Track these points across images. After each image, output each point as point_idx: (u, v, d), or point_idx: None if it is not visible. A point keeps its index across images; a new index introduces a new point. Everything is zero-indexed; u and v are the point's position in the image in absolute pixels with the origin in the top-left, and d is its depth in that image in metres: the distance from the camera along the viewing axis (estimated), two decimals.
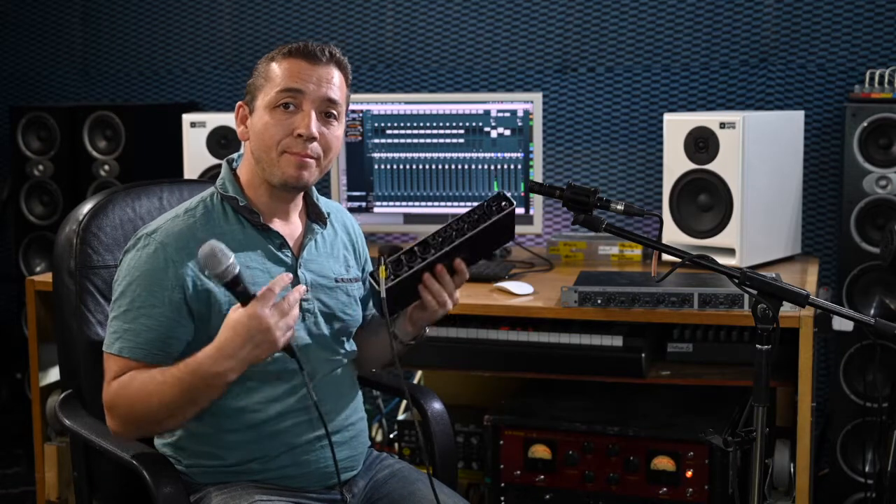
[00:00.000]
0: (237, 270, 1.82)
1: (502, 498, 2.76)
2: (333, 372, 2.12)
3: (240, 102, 2.10)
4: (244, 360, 1.86)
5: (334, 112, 2.04)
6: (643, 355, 2.69)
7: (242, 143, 2.11)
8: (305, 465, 2.04)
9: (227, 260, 1.81)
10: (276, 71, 2.02)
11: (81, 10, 4.21)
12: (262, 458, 2.02)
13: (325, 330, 2.10)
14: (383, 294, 1.96)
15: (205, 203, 2.06)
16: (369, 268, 2.26)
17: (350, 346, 2.18)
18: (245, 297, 1.84)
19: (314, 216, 2.15)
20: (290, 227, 2.11)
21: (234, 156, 2.14)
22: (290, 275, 1.94)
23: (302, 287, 1.92)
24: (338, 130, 2.06)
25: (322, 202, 2.18)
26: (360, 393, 2.22)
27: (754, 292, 1.99)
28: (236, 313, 1.86)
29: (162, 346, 1.95)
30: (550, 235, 3.49)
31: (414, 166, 3.32)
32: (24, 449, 3.97)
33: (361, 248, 2.28)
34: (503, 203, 2.00)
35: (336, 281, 2.14)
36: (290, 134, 2.00)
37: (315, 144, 2.01)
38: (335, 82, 2.04)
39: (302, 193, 2.12)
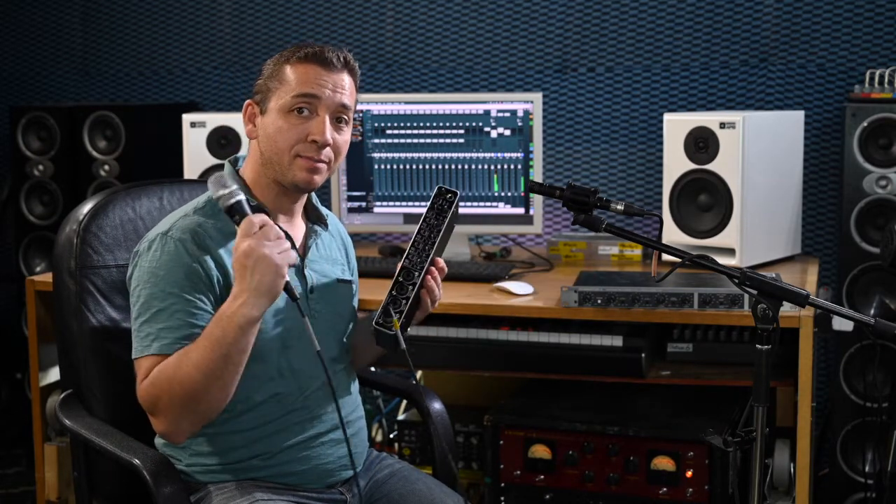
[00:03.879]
0: (236, 199, 1.88)
1: (502, 498, 2.76)
2: (336, 371, 2.12)
3: (249, 101, 2.09)
4: (255, 292, 1.84)
5: (345, 117, 2.07)
6: (643, 355, 2.69)
7: (249, 141, 2.11)
8: (306, 462, 2.05)
9: (229, 185, 1.88)
10: (292, 74, 2.03)
11: (81, 10, 4.21)
12: (264, 454, 2.03)
13: (329, 329, 2.12)
14: (403, 345, 1.97)
15: (212, 202, 2.06)
16: (355, 276, 2.29)
17: (349, 345, 2.19)
18: None
19: (314, 218, 2.17)
20: (294, 227, 2.12)
21: (238, 156, 2.15)
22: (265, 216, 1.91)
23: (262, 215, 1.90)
24: (347, 135, 2.09)
25: (320, 207, 2.20)
26: (358, 392, 2.23)
27: (754, 292, 2.00)
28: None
29: (195, 339, 1.93)
30: (550, 235, 3.49)
31: (414, 166, 3.32)
32: (24, 449, 3.97)
33: (351, 257, 2.31)
34: (448, 196, 2.05)
35: (338, 281, 2.16)
36: (304, 139, 2.01)
37: (328, 149, 2.03)
38: (348, 89, 2.06)
39: (306, 194, 2.14)
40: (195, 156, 3.39)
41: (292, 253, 1.89)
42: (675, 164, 3.02)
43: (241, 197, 1.90)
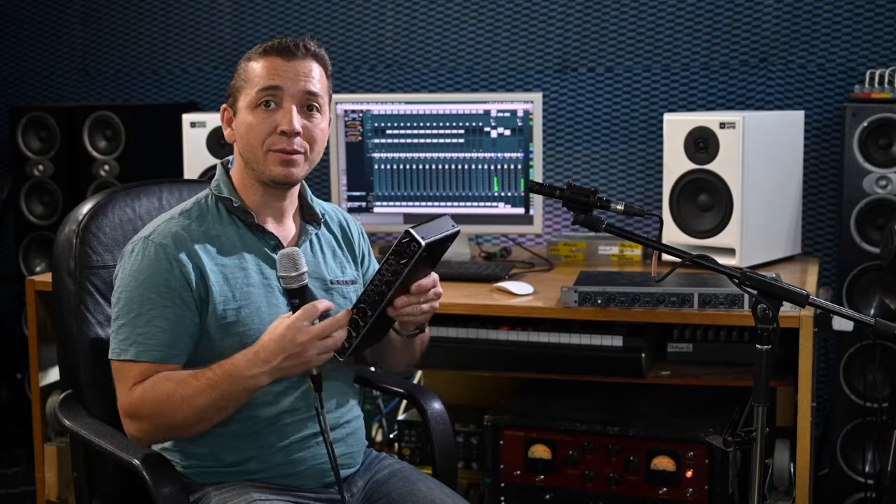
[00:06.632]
0: (302, 283, 1.96)
1: (502, 498, 2.76)
2: (329, 372, 2.11)
3: (224, 105, 2.11)
4: (276, 370, 1.93)
5: (315, 104, 2.06)
6: (643, 355, 2.69)
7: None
8: (300, 463, 2.05)
9: (300, 268, 1.96)
10: (254, 71, 2.05)
11: (81, 10, 4.21)
12: (259, 456, 2.02)
13: None
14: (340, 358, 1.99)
15: (199, 204, 2.07)
16: (374, 265, 2.27)
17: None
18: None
19: (309, 217, 2.15)
20: (285, 228, 2.11)
21: (230, 157, 2.15)
22: (331, 304, 1.97)
23: (329, 303, 1.96)
24: (322, 122, 2.07)
25: (317, 203, 2.18)
26: (355, 392, 2.22)
27: (754, 292, 1.99)
28: (282, 321, 1.92)
29: (175, 345, 1.97)
30: (550, 235, 3.49)
31: (414, 166, 3.31)
32: (24, 449, 3.97)
33: (364, 248, 2.28)
34: (413, 245, 1.87)
35: (331, 283, 2.14)
36: (273, 132, 2.02)
37: (299, 139, 2.03)
38: (314, 75, 2.05)
39: (297, 194, 2.13)
40: (195, 156, 3.39)
41: (330, 355, 1.95)
42: (675, 164, 3.02)
43: (307, 282, 1.97)
